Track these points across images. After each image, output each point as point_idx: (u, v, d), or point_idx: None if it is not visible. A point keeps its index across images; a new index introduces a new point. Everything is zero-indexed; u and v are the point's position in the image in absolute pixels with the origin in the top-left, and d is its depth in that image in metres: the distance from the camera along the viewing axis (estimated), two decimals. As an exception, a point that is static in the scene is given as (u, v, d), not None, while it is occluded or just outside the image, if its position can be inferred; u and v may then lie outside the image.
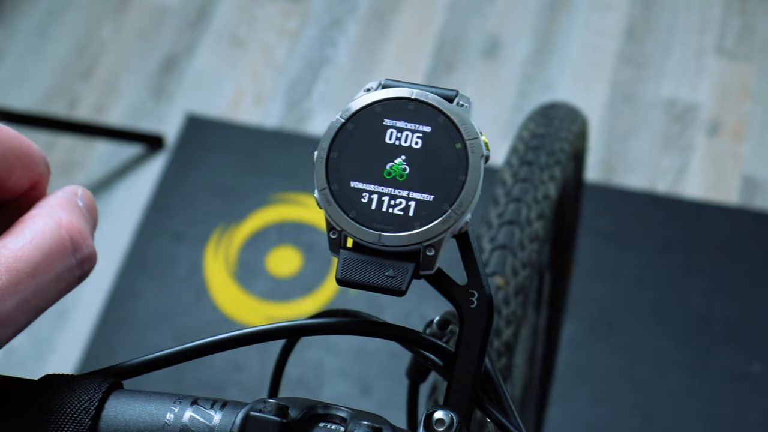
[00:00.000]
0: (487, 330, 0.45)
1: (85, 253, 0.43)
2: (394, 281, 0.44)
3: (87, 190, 0.47)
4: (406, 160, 0.45)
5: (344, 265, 0.45)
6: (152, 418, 0.41)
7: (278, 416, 0.40)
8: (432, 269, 0.44)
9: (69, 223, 0.43)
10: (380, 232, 0.44)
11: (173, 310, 1.80)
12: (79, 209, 0.45)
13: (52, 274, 0.41)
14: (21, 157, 0.44)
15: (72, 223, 0.43)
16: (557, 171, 0.89)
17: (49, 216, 0.43)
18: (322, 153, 0.46)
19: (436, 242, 0.44)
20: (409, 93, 0.46)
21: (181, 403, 0.42)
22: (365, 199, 0.45)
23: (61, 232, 0.42)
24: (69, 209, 0.44)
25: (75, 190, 0.46)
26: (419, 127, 0.45)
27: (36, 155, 0.45)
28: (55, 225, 0.42)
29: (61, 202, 0.44)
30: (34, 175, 0.45)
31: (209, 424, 0.41)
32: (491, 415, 0.46)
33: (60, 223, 0.43)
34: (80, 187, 0.46)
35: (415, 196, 0.44)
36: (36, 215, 0.43)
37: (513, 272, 0.81)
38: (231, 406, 0.42)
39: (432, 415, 0.42)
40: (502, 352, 0.79)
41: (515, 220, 0.83)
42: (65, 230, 0.43)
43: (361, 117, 0.46)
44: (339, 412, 0.42)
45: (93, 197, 0.47)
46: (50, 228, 0.42)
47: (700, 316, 1.76)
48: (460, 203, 0.44)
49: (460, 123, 0.45)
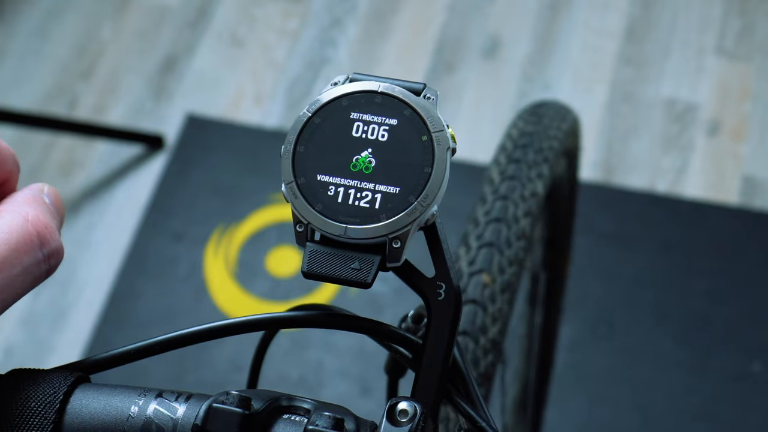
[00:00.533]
0: (454, 321, 0.45)
1: (52, 248, 0.43)
2: (360, 273, 0.44)
3: (53, 188, 0.47)
4: (373, 153, 0.45)
5: (310, 257, 0.45)
6: (117, 411, 0.42)
7: (241, 407, 0.40)
8: (399, 261, 0.45)
9: (35, 218, 0.43)
10: (346, 225, 0.44)
11: (173, 310, 1.80)
12: (45, 205, 0.45)
13: (19, 268, 0.42)
14: None
15: (38, 218, 0.43)
16: (545, 169, 0.89)
17: (15, 211, 0.43)
18: (289, 146, 0.46)
19: (402, 234, 0.44)
20: (376, 86, 0.46)
21: (145, 396, 0.42)
22: (331, 192, 0.45)
23: (27, 227, 0.43)
24: (35, 205, 0.44)
25: (41, 187, 0.46)
26: (386, 120, 0.45)
27: (4, 153, 0.46)
28: (21, 220, 0.43)
29: (27, 199, 0.45)
30: (2, 173, 0.46)
31: (173, 417, 0.41)
32: (459, 406, 0.46)
33: (26, 218, 0.43)
34: (46, 185, 0.47)
35: (381, 188, 0.45)
36: (2, 210, 0.44)
37: (499, 269, 0.81)
38: (195, 399, 0.42)
39: (396, 406, 0.42)
40: (488, 349, 0.78)
41: (502, 217, 0.83)
42: (32, 225, 0.43)
43: (328, 110, 0.46)
44: (302, 404, 0.42)
45: (59, 194, 0.47)
46: (17, 223, 0.43)
47: (700, 316, 1.75)
48: (426, 195, 0.44)
49: (427, 115, 0.45)
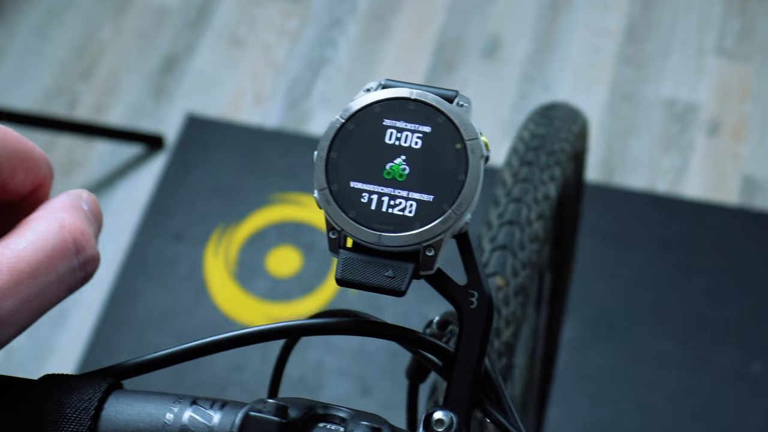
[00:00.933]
0: (486, 330, 0.45)
1: (88, 255, 0.43)
2: (394, 281, 0.44)
3: (92, 195, 0.47)
4: (406, 161, 0.45)
5: (344, 265, 0.45)
6: (152, 418, 0.41)
7: (278, 416, 0.40)
8: (432, 269, 0.44)
9: (72, 225, 0.43)
10: (380, 232, 0.44)
11: (173, 310, 1.80)
12: (83, 212, 0.44)
13: (54, 275, 0.41)
14: (24, 160, 0.44)
15: (75, 225, 0.43)
16: (557, 171, 0.89)
17: (52, 218, 0.43)
18: (322, 153, 0.46)
19: (436, 242, 0.44)
20: (409, 93, 0.46)
21: (180, 403, 0.42)
22: (365, 199, 0.45)
23: (63, 234, 0.42)
24: (73, 211, 0.44)
25: (80, 193, 0.46)
26: (419, 127, 0.45)
27: (39, 157, 0.45)
28: (58, 226, 0.42)
29: (64, 205, 0.44)
30: (37, 178, 0.45)
31: (209, 424, 0.41)
32: (491, 415, 0.46)
33: (63, 225, 0.43)
34: (85, 191, 0.46)
35: (414, 196, 0.44)
36: (39, 217, 0.43)
37: (513, 273, 0.81)
38: (230, 407, 0.41)
39: (432, 416, 0.42)
40: (502, 353, 0.78)
41: (515, 220, 0.83)
42: (68, 232, 0.42)
43: (360, 117, 0.46)
44: (338, 413, 0.42)
45: (98, 202, 0.46)
46: (53, 229, 0.42)
47: (700, 316, 1.75)
48: (459, 203, 0.44)
49: (460, 123, 0.45)
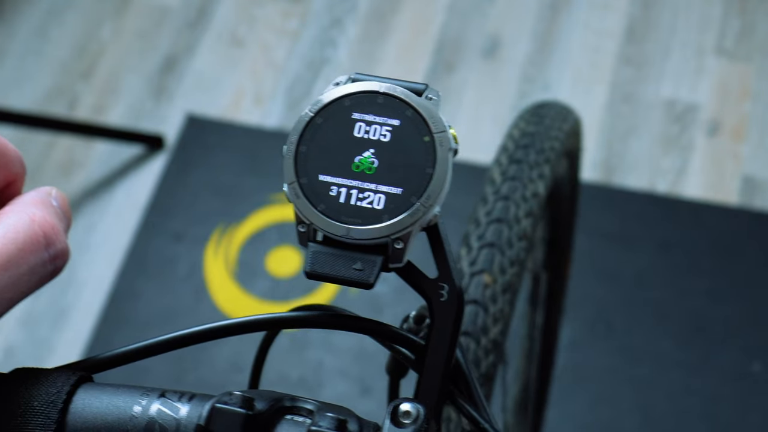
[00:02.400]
0: (457, 323, 0.45)
1: (58, 249, 0.44)
2: (363, 274, 0.44)
3: (61, 192, 0.47)
4: (375, 154, 0.45)
5: (313, 258, 0.45)
6: (120, 411, 0.42)
7: (244, 408, 0.40)
8: (401, 262, 0.44)
9: (42, 219, 0.44)
10: (349, 225, 0.44)
11: (173, 310, 1.80)
12: (52, 207, 0.45)
13: (25, 267, 0.42)
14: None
15: (45, 219, 0.44)
16: (547, 169, 0.89)
17: (22, 212, 0.44)
18: (291, 147, 0.46)
19: (405, 235, 0.44)
20: (378, 87, 0.46)
21: (149, 396, 0.42)
22: (334, 192, 0.45)
23: (34, 227, 0.43)
24: (42, 207, 0.45)
25: (49, 190, 0.47)
26: (388, 120, 0.45)
27: (11, 154, 0.46)
28: (28, 220, 0.43)
29: (34, 200, 0.45)
30: (8, 174, 0.46)
31: (176, 417, 0.41)
32: (462, 408, 0.46)
33: (33, 219, 0.43)
34: (54, 189, 0.47)
35: (383, 189, 0.45)
36: (10, 211, 0.44)
37: (501, 270, 0.81)
38: (198, 399, 0.42)
39: (398, 407, 0.42)
40: (490, 350, 0.78)
41: (503, 218, 0.83)
42: (38, 225, 0.43)
43: (330, 110, 0.46)
44: (306, 405, 0.42)
45: (67, 198, 0.47)
46: (23, 223, 0.43)
47: (700, 316, 1.75)
48: (428, 196, 0.44)
49: (428, 116, 0.45)
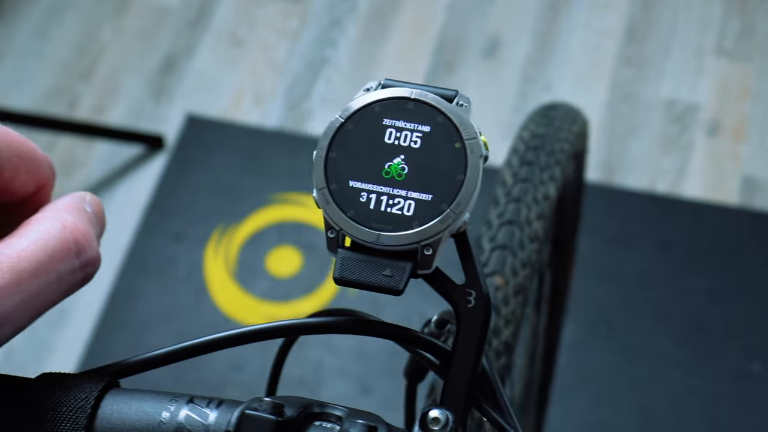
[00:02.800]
0: (484, 329, 0.45)
1: (89, 256, 0.43)
2: (392, 281, 0.44)
3: (96, 197, 0.47)
4: (405, 160, 0.45)
5: (342, 264, 0.45)
6: (148, 417, 0.41)
7: (274, 415, 0.40)
8: (430, 269, 0.44)
9: (74, 226, 0.43)
10: (378, 232, 0.44)
11: (173, 310, 1.80)
12: (86, 213, 0.45)
13: (54, 275, 0.41)
14: (26, 161, 0.45)
15: (77, 226, 0.43)
16: (557, 171, 0.89)
17: (54, 218, 0.43)
18: (321, 152, 0.46)
19: (434, 242, 0.44)
20: (409, 93, 0.46)
21: (177, 402, 0.42)
22: (364, 198, 0.45)
23: (65, 234, 0.42)
24: (75, 212, 0.44)
25: (83, 195, 0.46)
26: (418, 126, 0.45)
27: (41, 159, 0.46)
28: (59, 227, 0.43)
29: (67, 206, 0.45)
30: (39, 179, 0.46)
31: (205, 423, 0.41)
32: (488, 414, 0.46)
33: (65, 225, 0.43)
34: (89, 194, 0.47)
35: (413, 195, 0.44)
36: (41, 217, 0.43)
37: (512, 272, 0.81)
38: (227, 405, 0.42)
39: (428, 414, 0.42)
40: (501, 352, 0.79)
41: (515, 220, 0.83)
42: (69, 232, 0.43)
43: (360, 116, 0.46)
44: (335, 411, 0.42)
45: (101, 204, 0.47)
46: (55, 229, 0.42)
47: (700, 316, 1.75)
48: (458, 203, 0.44)
49: (459, 123, 0.45)
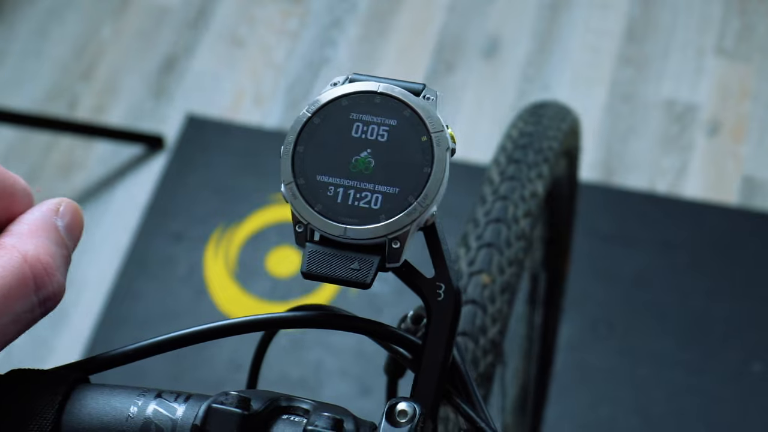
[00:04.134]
0: (454, 322, 0.45)
1: (49, 292, 0.40)
2: (360, 274, 0.44)
3: (72, 203, 0.43)
4: (372, 154, 0.45)
5: (310, 258, 0.45)
6: (116, 411, 0.42)
7: (240, 408, 0.40)
8: (398, 262, 0.44)
9: (34, 258, 0.40)
10: (346, 225, 0.44)
11: (173, 310, 1.80)
12: (54, 233, 0.42)
13: (10, 317, 0.39)
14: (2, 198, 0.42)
15: (38, 258, 0.40)
16: (545, 169, 0.89)
17: (14, 248, 0.40)
18: (288, 147, 0.46)
19: (402, 235, 0.44)
20: (376, 87, 0.46)
21: (145, 397, 0.42)
22: (331, 192, 0.45)
23: (24, 270, 0.39)
24: (41, 236, 0.41)
25: (56, 207, 0.43)
26: (385, 120, 0.45)
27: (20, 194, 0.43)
28: (18, 260, 0.39)
29: (32, 229, 0.41)
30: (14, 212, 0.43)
31: (172, 417, 0.41)
32: (458, 407, 0.46)
33: (25, 258, 0.40)
34: (63, 201, 0.43)
35: (380, 189, 0.45)
36: (1, 246, 0.40)
37: (499, 270, 0.81)
38: (195, 399, 0.42)
39: (395, 407, 0.42)
40: (488, 350, 0.78)
41: (502, 218, 0.83)
42: (29, 266, 0.40)
43: (327, 111, 0.46)
44: (302, 404, 0.42)
45: (78, 210, 0.44)
46: (13, 264, 0.39)
47: (700, 316, 1.75)
48: (425, 196, 0.44)
49: (426, 116, 0.45)
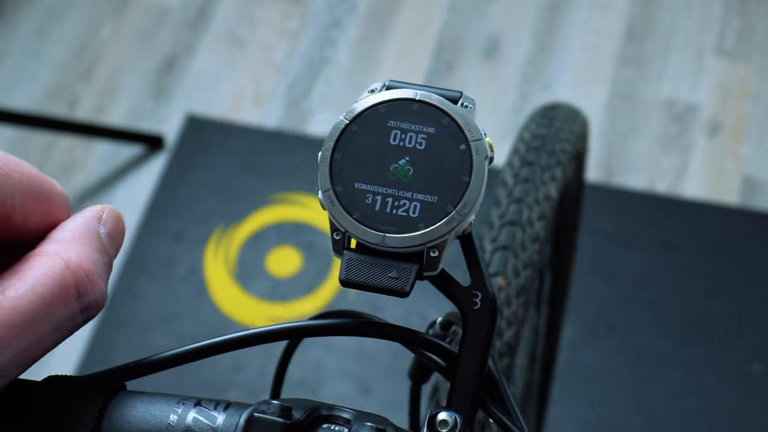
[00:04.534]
0: (490, 331, 0.45)
1: (91, 300, 0.40)
2: (398, 282, 0.44)
3: (114, 211, 0.43)
4: (410, 162, 0.45)
5: (348, 266, 0.45)
6: (156, 420, 0.41)
7: (282, 417, 0.40)
8: (436, 270, 0.44)
9: (77, 265, 0.39)
10: (384, 233, 0.44)
11: (173, 310, 1.80)
12: (96, 240, 0.41)
13: (51, 324, 0.38)
14: (40, 202, 0.41)
15: (80, 265, 0.39)
16: (558, 172, 0.89)
17: (57, 255, 0.39)
18: (326, 154, 0.46)
19: (440, 243, 0.44)
20: (414, 94, 0.46)
21: (184, 405, 0.42)
22: (369, 200, 0.45)
23: (66, 277, 0.39)
24: (83, 243, 0.40)
25: (99, 213, 0.42)
26: (423, 128, 0.45)
27: (57, 198, 0.42)
28: (61, 267, 0.39)
29: (75, 236, 0.41)
30: (53, 219, 0.42)
31: (213, 425, 0.41)
32: (494, 416, 0.46)
33: (68, 265, 0.39)
34: (106, 208, 0.42)
35: (419, 197, 0.44)
36: (43, 253, 0.40)
37: (515, 273, 0.81)
38: (234, 407, 0.41)
39: (436, 417, 0.42)
40: (504, 353, 0.79)
41: (517, 220, 0.83)
42: (72, 274, 0.39)
43: (365, 118, 0.46)
44: (342, 413, 0.42)
45: (121, 217, 0.43)
46: (55, 272, 0.39)
47: (700, 316, 1.75)
48: (464, 204, 0.44)
49: (464, 124, 0.45)
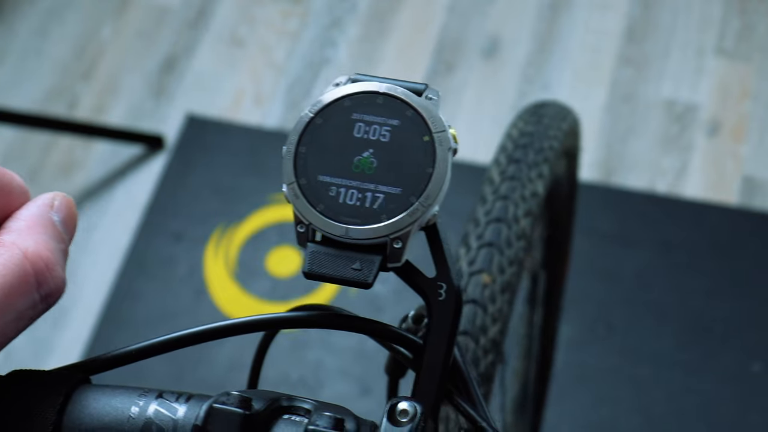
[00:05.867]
0: (455, 322, 0.45)
1: (51, 287, 0.40)
2: (361, 274, 0.44)
3: (66, 197, 0.43)
4: (374, 154, 0.45)
5: (311, 258, 0.45)
6: (117, 412, 0.41)
7: (241, 408, 0.40)
8: (399, 262, 0.45)
9: (35, 255, 0.39)
10: (347, 225, 0.44)
11: (173, 310, 1.80)
12: (52, 228, 0.41)
13: (12, 314, 0.38)
14: None
15: (38, 254, 0.40)
16: (545, 169, 0.89)
17: (14, 245, 0.40)
18: (291, 147, 0.46)
19: (403, 235, 0.44)
20: (378, 87, 0.46)
21: (146, 397, 0.42)
22: (333, 192, 0.45)
23: (25, 266, 0.39)
24: (39, 231, 0.41)
25: (51, 201, 0.42)
26: (387, 120, 0.46)
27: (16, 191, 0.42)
28: (19, 257, 0.39)
29: (30, 225, 0.41)
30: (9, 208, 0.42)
31: (174, 417, 0.41)
32: (459, 406, 0.46)
33: (25, 254, 0.39)
34: (58, 195, 0.43)
35: (382, 189, 0.45)
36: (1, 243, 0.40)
37: (500, 269, 0.81)
38: (196, 399, 0.42)
39: (396, 406, 0.42)
40: (489, 349, 0.78)
41: (502, 217, 0.83)
42: (30, 263, 0.39)
43: (329, 111, 0.46)
44: (303, 404, 0.42)
45: (72, 204, 0.43)
46: (14, 262, 0.39)
47: (700, 316, 1.75)
48: (427, 196, 0.44)
49: (428, 116, 0.45)
